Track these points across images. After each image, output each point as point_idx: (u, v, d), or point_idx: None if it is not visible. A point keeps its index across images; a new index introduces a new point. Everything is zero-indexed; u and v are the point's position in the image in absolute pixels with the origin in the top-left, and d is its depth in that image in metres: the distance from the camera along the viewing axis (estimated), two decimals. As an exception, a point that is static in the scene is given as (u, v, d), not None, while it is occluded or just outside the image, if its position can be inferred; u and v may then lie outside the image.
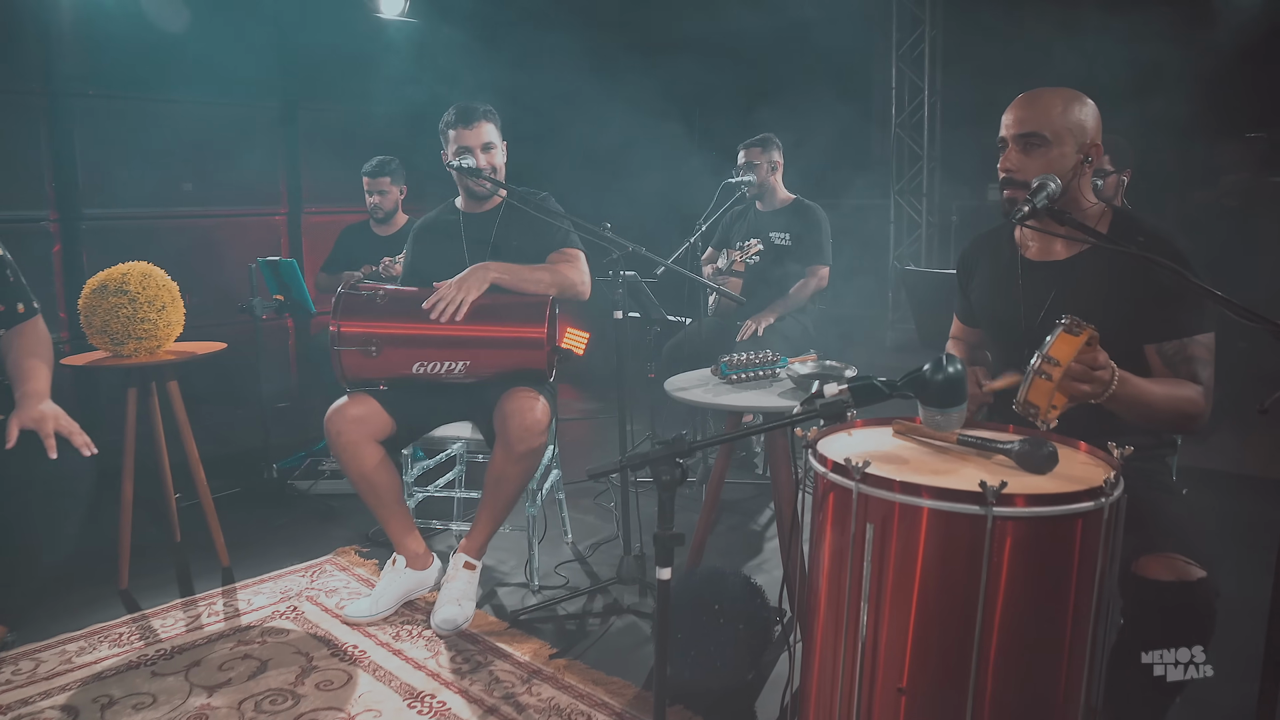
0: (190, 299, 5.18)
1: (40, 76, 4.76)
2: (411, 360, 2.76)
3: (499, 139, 3.07)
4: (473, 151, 2.98)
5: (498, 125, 3.07)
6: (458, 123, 3.00)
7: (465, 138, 2.99)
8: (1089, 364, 1.67)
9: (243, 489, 4.14)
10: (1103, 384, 1.69)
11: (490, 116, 3.05)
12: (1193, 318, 1.87)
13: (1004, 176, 1.98)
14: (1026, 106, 1.96)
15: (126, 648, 2.73)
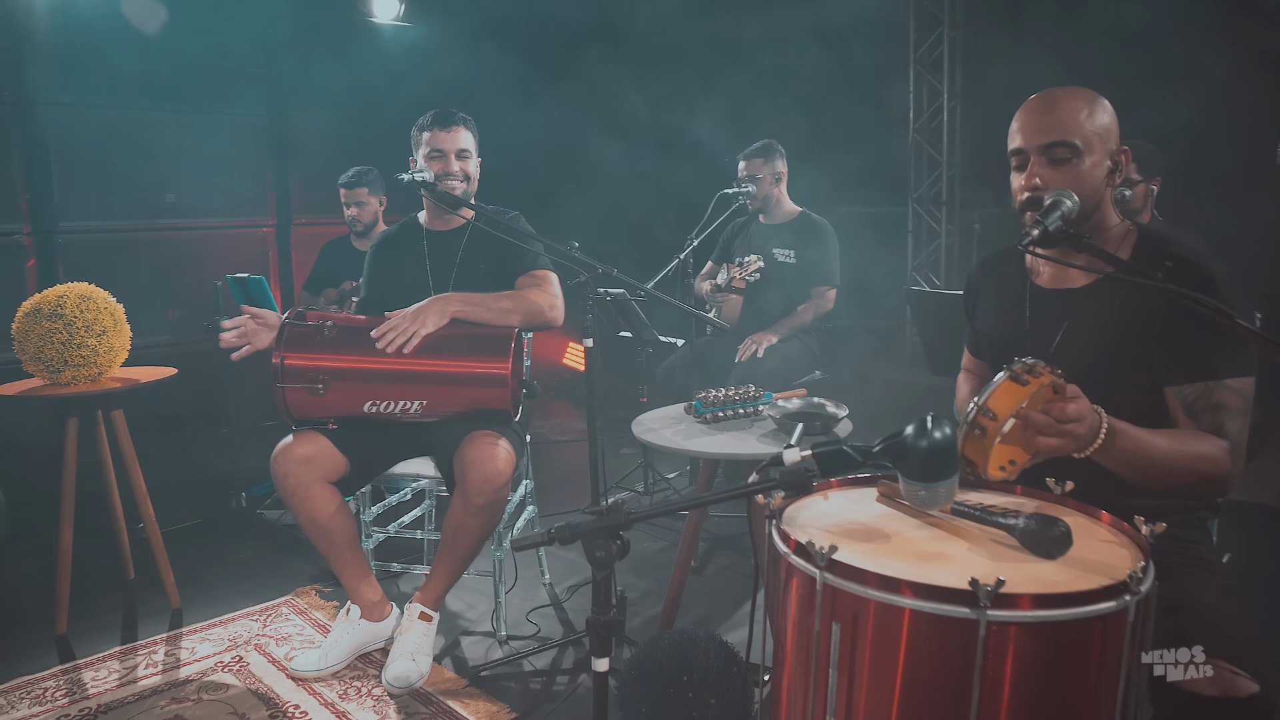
0: (174, 314, 5.05)
1: (12, 85, 4.57)
2: (362, 398, 2.50)
3: (475, 150, 2.83)
4: (446, 155, 2.76)
5: (475, 136, 2.84)
6: (434, 124, 2.78)
7: (440, 140, 2.77)
8: (1056, 416, 1.40)
9: (205, 520, 3.90)
10: (1077, 438, 1.42)
11: (469, 125, 2.83)
12: (1224, 358, 1.57)
13: (1027, 196, 1.68)
14: (1047, 111, 1.66)
15: (49, 705, 2.49)
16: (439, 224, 2.89)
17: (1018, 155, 1.70)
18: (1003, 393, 1.42)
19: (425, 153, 2.78)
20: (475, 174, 2.84)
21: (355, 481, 2.68)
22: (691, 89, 5.38)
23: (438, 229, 2.89)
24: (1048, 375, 1.43)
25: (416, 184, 2.66)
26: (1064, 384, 1.43)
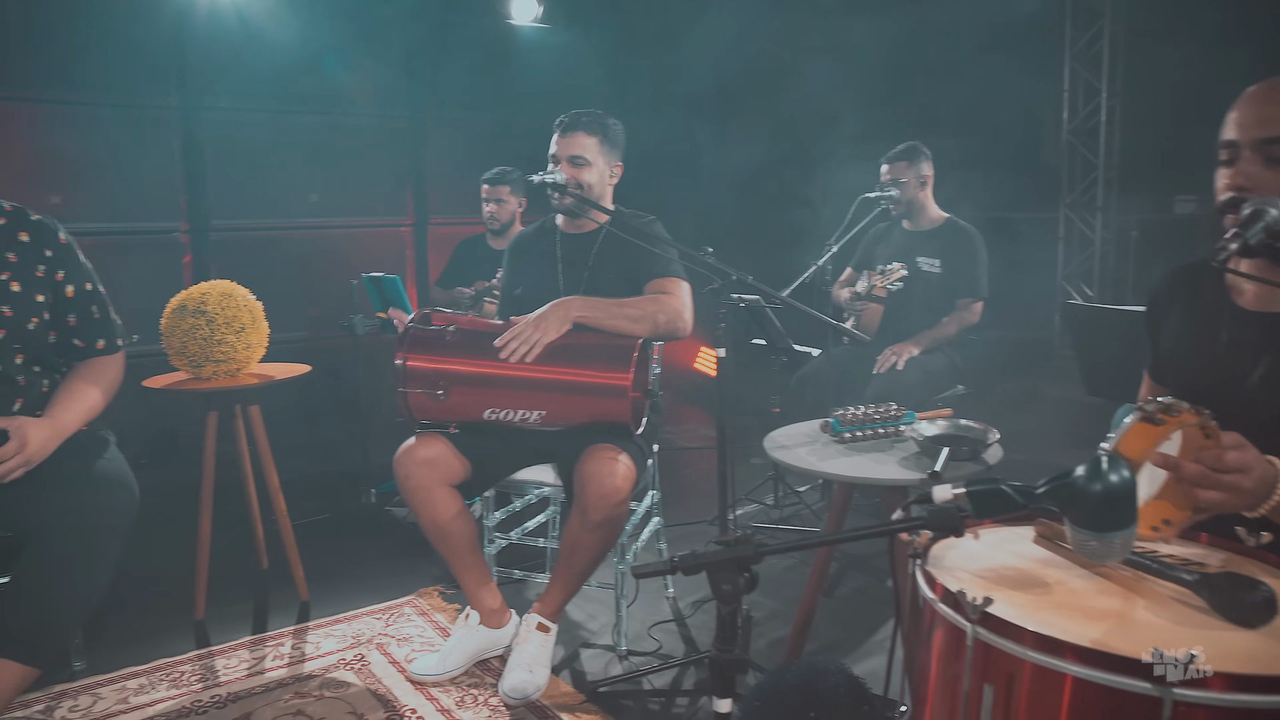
0: (316, 309, 5.20)
1: (175, 91, 4.79)
2: (482, 405, 2.47)
3: (602, 157, 2.75)
4: (560, 160, 2.71)
5: (605, 142, 2.75)
6: (556, 129, 2.74)
7: (556, 145, 2.72)
8: (1211, 464, 1.22)
9: (335, 514, 3.99)
10: (1243, 492, 1.24)
11: (594, 129, 2.73)
12: None
13: (1229, 196, 1.47)
14: (1271, 101, 1.44)
15: (184, 690, 2.56)
16: (572, 226, 2.84)
17: (1228, 148, 1.49)
18: (1135, 436, 1.26)
19: (550, 154, 2.75)
20: (591, 182, 2.73)
21: (477, 486, 2.66)
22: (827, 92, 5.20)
23: (571, 231, 2.85)
24: (1190, 415, 1.25)
25: (545, 185, 2.62)
26: (1215, 426, 1.25)
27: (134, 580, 3.16)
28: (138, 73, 4.64)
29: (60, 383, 2.38)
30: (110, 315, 2.46)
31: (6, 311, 2.24)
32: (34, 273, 2.31)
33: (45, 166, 4.44)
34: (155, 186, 4.79)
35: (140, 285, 2.84)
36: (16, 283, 2.27)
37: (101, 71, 4.54)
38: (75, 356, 2.42)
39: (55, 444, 2.22)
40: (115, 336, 2.46)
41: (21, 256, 2.29)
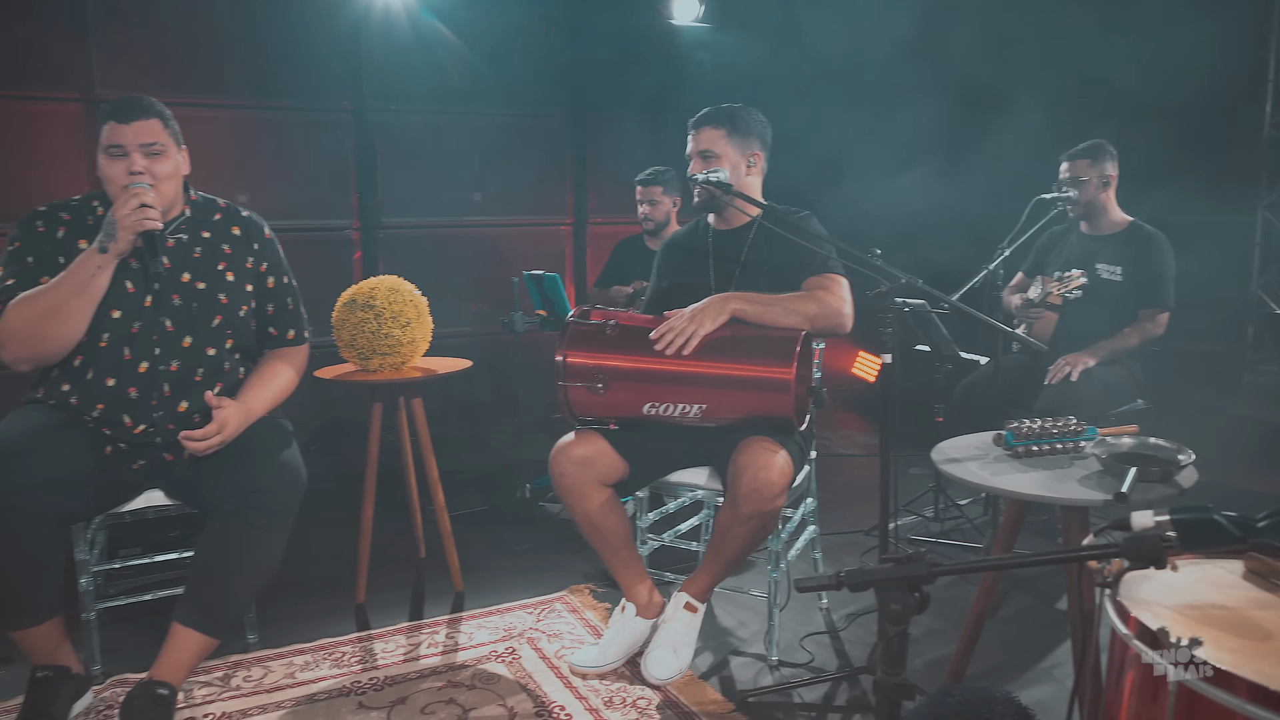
0: (478, 306, 5.35)
1: (349, 95, 5.02)
2: (642, 399, 2.46)
3: (732, 148, 2.68)
4: (690, 158, 2.70)
5: (734, 133, 2.68)
6: (688, 124, 2.73)
7: (690, 142, 2.71)
8: None
9: (491, 507, 4.07)
10: None
11: (720, 122, 2.68)
12: None
13: None
14: None
15: (345, 670, 2.65)
16: (723, 222, 2.80)
17: None
18: None
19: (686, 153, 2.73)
20: (722, 177, 2.63)
21: (632, 484, 2.65)
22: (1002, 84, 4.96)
23: (722, 227, 2.81)
24: None
25: (710, 183, 2.59)
26: None
27: (301, 563, 3.30)
28: (316, 78, 4.90)
29: (252, 369, 2.54)
30: (300, 309, 2.64)
31: (223, 299, 2.45)
32: (244, 264, 2.51)
33: (234, 167, 4.73)
34: (329, 186, 5.04)
35: (313, 280, 2.97)
36: (231, 272, 2.48)
37: (284, 78, 4.81)
38: (269, 345, 2.60)
39: (244, 427, 2.37)
40: (303, 329, 2.64)
41: (234, 249, 2.51)
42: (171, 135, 2.39)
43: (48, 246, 2.35)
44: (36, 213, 2.40)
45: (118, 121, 2.30)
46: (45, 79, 4.44)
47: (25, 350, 2.25)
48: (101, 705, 2.47)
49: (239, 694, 2.53)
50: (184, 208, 2.48)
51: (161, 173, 2.34)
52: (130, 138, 2.30)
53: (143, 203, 2.23)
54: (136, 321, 2.36)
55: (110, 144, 2.31)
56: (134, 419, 2.36)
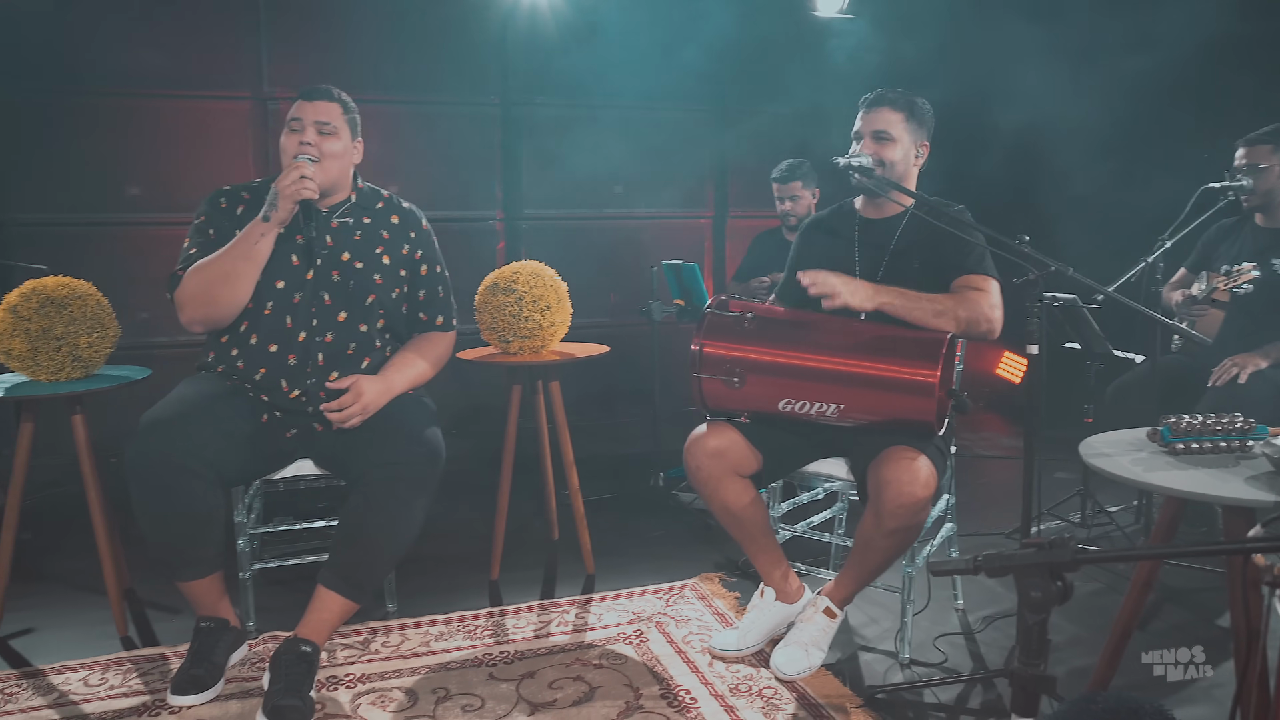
0: (615, 297, 5.42)
1: (496, 89, 5.16)
2: (778, 395, 2.42)
3: (908, 134, 2.62)
4: (863, 137, 2.61)
5: (911, 119, 2.63)
6: (861, 104, 2.66)
7: (861, 121, 2.64)
8: None
9: (624, 494, 4.11)
10: None
11: (900, 105, 2.62)
12: None
13: None
14: None
15: (477, 642, 2.73)
16: (873, 210, 2.74)
17: None
18: None
19: (853, 133, 2.66)
20: (895, 159, 2.60)
21: (766, 477, 2.63)
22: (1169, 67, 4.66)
23: (871, 215, 2.74)
24: None
25: (850, 169, 2.54)
26: None
27: (439, 540, 3.43)
28: (464, 74, 5.06)
29: (398, 349, 2.66)
30: (450, 298, 2.77)
31: (377, 279, 2.59)
32: (400, 250, 2.65)
33: (389, 160, 4.92)
34: (475, 178, 5.20)
35: (457, 268, 3.08)
36: (387, 256, 2.63)
37: (434, 74, 4.99)
38: (417, 329, 2.73)
39: (385, 400, 2.48)
40: (451, 316, 2.76)
41: (392, 235, 2.65)
42: (348, 122, 2.58)
43: (227, 221, 2.54)
44: (221, 191, 2.62)
45: (304, 99, 2.53)
46: (220, 80, 4.75)
47: (199, 313, 2.45)
48: (254, 658, 2.62)
49: (377, 658, 2.63)
50: (351, 194, 2.64)
51: (329, 150, 2.50)
52: (309, 114, 2.50)
53: (303, 174, 2.39)
54: (298, 293, 2.52)
55: (292, 118, 2.52)
56: (290, 384, 2.50)
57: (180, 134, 4.75)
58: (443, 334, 2.75)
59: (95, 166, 4.67)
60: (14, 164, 4.61)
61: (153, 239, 4.54)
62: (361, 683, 2.50)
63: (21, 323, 2.68)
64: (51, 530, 3.67)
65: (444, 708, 2.37)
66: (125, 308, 2.98)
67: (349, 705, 2.39)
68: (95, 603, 3.00)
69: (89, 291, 2.81)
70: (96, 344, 2.79)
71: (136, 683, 2.51)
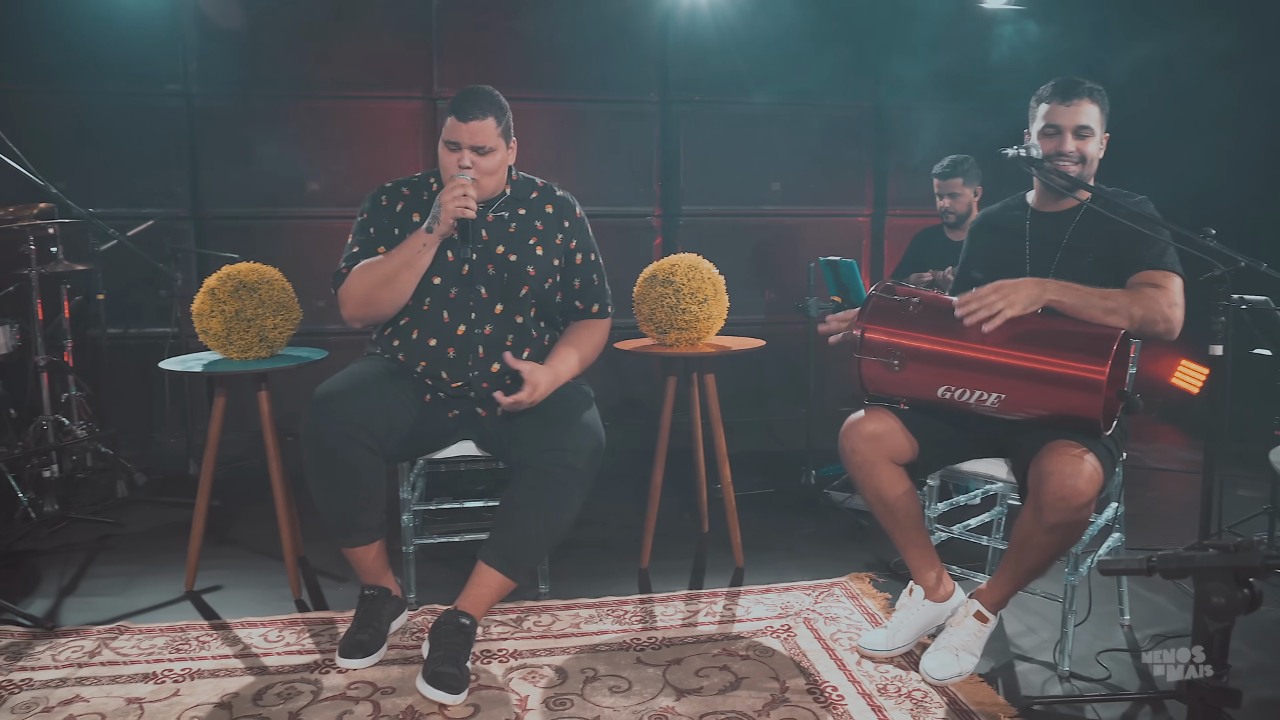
0: (771, 294, 5.40)
1: (656, 86, 5.22)
2: (937, 381, 2.36)
3: (1100, 127, 2.51)
4: (1062, 133, 2.48)
5: (1104, 111, 2.52)
6: (1053, 97, 2.51)
7: (1059, 115, 2.48)
8: None
9: (777, 490, 4.10)
10: None
11: (1097, 97, 2.50)
12: None
13: None
14: None
15: (626, 626, 2.78)
16: (1047, 204, 2.62)
17: None
18: None
19: (1040, 127, 2.52)
20: (1095, 154, 2.51)
21: (922, 467, 2.56)
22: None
23: (1045, 210, 2.63)
24: None
25: (1021, 160, 2.45)
26: None
27: (591, 526, 3.50)
28: (626, 72, 5.15)
29: (558, 338, 2.74)
30: (605, 285, 2.82)
31: (530, 270, 2.66)
32: (554, 240, 2.71)
33: (550, 156, 5.06)
34: (633, 174, 5.27)
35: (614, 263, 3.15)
36: (540, 247, 2.69)
37: (595, 72, 5.10)
38: (573, 316, 2.80)
39: (553, 389, 2.56)
40: (606, 303, 2.82)
41: (546, 225, 2.72)
42: (502, 132, 2.60)
43: (387, 219, 2.67)
44: (382, 188, 2.74)
45: (458, 119, 2.55)
46: (393, 81, 5.01)
47: (360, 311, 2.59)
48: (414, 628, 2.75)
49: (529, 635, 2.72)
50: (505, 187, 2.72)
51: (486, 168, 2.58)
52: (465, 137, 2.54)
53: (465, 193, 2.49)
54: (455, 288, 2.63)
55: (448, 139, 2.57)
56: (451, 376, 2.62)
57: (356, 133, 5.03)
58: (599, 321, 2.81)
59: (281, 164, 5.01)
60: (211, 163, 5.00)
61: (330, 232, 4.81)
62: (514, 658, 2.58)
63: (218, 304, 2.91)
64: (235, 499, 3.95)
65: (592, 687, 2.43)
66: (303, 295, 3.18)
67: (501, 678, 2.47)
68: (273, 567, 3.22)
69: (276, 277, 3.02)
70: (282, 326, 2.99)
71: (309, 642, 2.68)
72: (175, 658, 2.60)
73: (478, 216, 2.58)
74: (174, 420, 4.87)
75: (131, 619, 2.84)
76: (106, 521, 3.71)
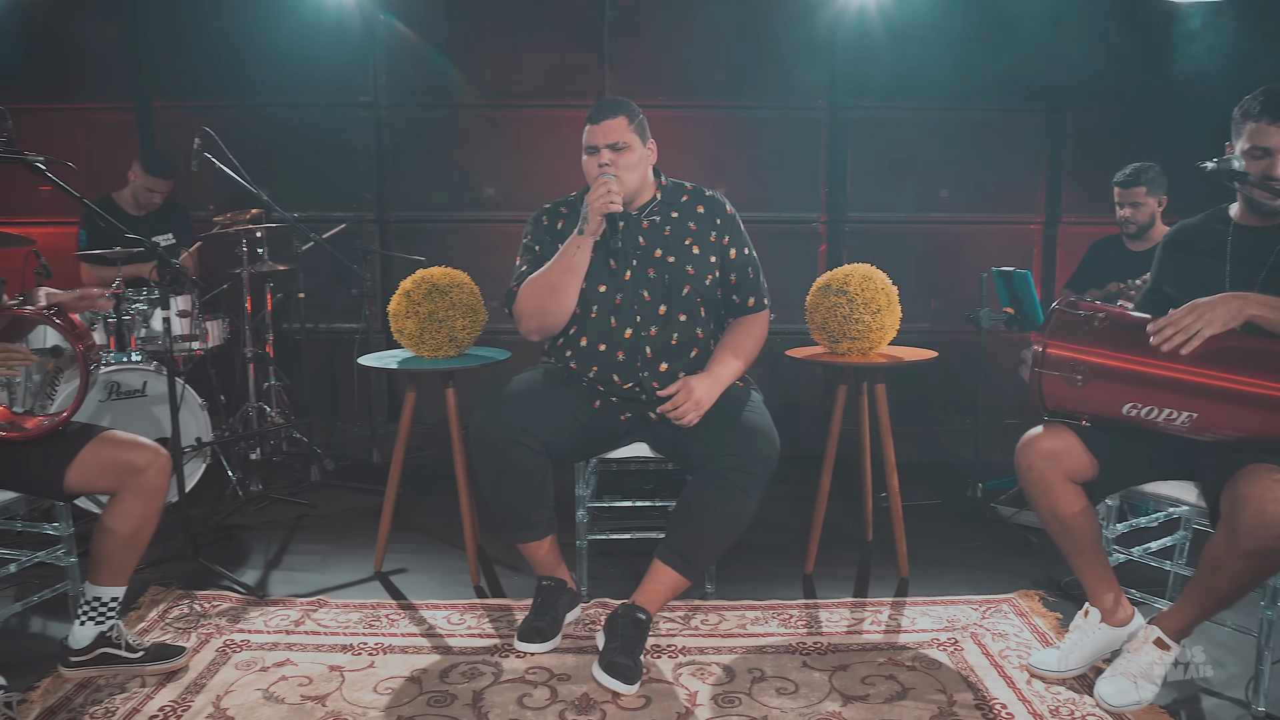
0: (936, 303, 5.31)
1: (823, 92, 5.23)
2: (1122, 399, 2.31)
3: None
4: (1272, 155, 2.29)
5: None
6: (1262, 115, 2.29)
7: (1268, 137, 2.29)
8: None
9: (943, 502, 4.05)
10: None
11: None
12: None
13: None
14: None
15: (791, 630, 2.83)
16: (1252, 219, 2.47)
17: None
18: None
19: (1246, 148, 2.34)
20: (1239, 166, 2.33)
21: (1101, 488, 2.49)
22: None
23: (1249, 224, 2.48)
24: None
25: (1221, 175, 2.34)
26: None
27: (757, 531, 3.54)
28: (793, 78, 5.18)
29: (719, 333, 2.83)
30: (760, 278, 2.87)
31: (689, 270, 2.75)
32: (708, 238, 2.80)
33: (717, 162, 5.15)
34: (800, 181, 5.30)
35: (778, 270, 3.21)
36: (697, 246, 2.78)
37: (764, 79, 5.14)
38: (733, 312, 2.87)
39: (716, 394, 2.64)
40: (763, 296, 2.87)
41: (699, 225, 2.81)
42: (636, 130, 2.72)
43: (549, 236, 2.83)
44: (541, 210, 2.91)
45: (591, 124, 2.70)
46: (566, 90, 5.20)
47: (534, 323, 2.74)
48: (586, 619, 2.88)
49: (696, 633, 2.80)
50: (655, 192, 2.82)
51: (626, 164, 2.69)
52: (600, 138, 2.68)
53: (608, 189, 2.60)
54: (619, 294, 2.74)
55: (587, 145, 2.72)
56: (622, 378, 2.73)
57: (530, 140, 5.25)
58: (757, 315, 2.87)
59: (459, 170, 5.29)
60: (394, 169, 5.32)
61: (503, 235, 5.04)
62: (683, 654, 2.67)
63: (413, 306, 3.12)
64: (415, 488, 4.20)
65: (759, 687, 2.48)
66: (481, 296, 3.35)
67: (670, 673, 2.56)
68: (453, 554, 3.43)
69: (465, 281, 3.22)
70: (469, 327, 3.18)
71: (488, 627, 2.84)
72: (369, 633, 2.81)
73: (633, 222, 2.71)
74: (359, 411, 5.20)
75: (328, 594, 3.09)
76: (302, 503, 4.03)
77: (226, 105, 5.05)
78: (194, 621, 2.86)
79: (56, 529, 2.66)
